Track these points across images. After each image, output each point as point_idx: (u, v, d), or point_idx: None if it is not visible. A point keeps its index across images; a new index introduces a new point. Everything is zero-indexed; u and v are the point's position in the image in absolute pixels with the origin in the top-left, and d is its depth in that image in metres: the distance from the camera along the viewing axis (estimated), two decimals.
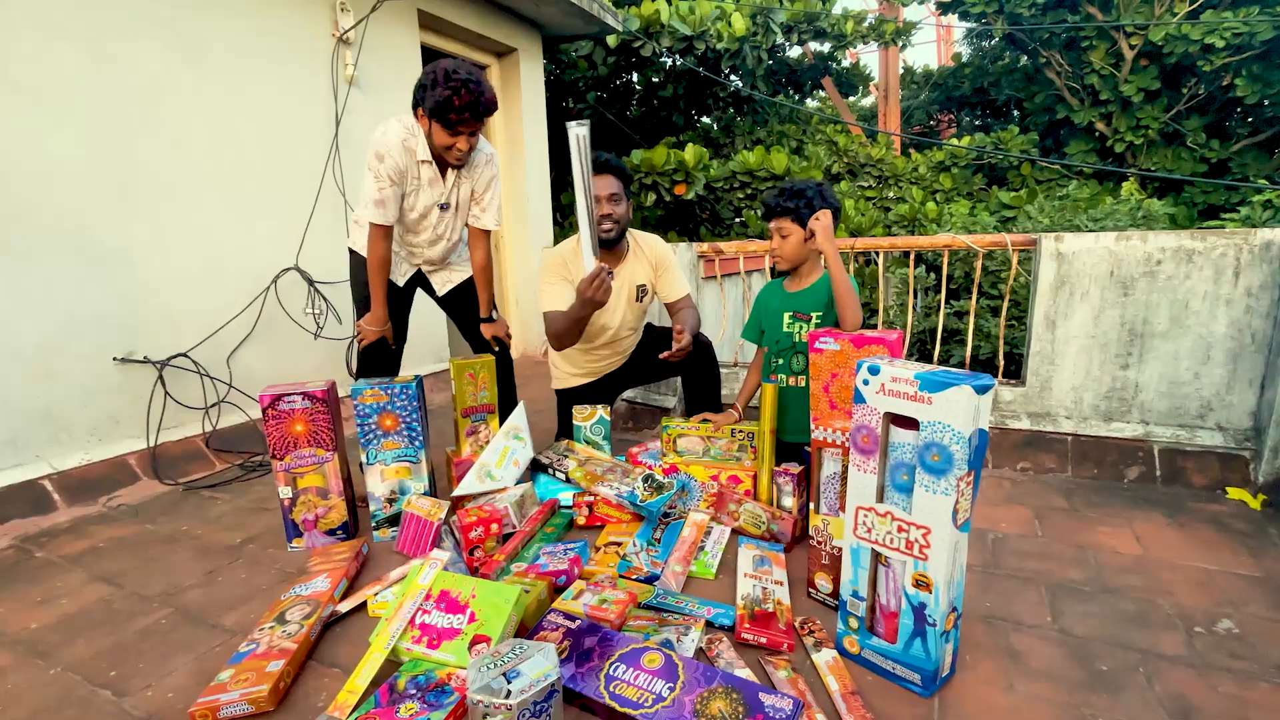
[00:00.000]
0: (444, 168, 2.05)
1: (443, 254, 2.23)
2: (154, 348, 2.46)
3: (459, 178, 2.09)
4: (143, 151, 2.41)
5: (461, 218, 2.18)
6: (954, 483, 1.11)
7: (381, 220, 1.99)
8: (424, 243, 2.17)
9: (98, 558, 1.86)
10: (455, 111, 1.84)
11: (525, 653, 1.15)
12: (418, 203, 2.06)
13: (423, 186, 2.04)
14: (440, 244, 2.19)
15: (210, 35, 2.60)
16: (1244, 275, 2.04)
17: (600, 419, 2.22)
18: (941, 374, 1.12)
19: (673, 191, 4.98)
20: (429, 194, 2.05)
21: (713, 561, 1.69)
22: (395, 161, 1.94)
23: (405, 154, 1.96)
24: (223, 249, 2.68)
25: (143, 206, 2.42)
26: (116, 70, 2.32)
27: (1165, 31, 7.34)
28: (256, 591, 1.65)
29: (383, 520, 1.89)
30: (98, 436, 2.32)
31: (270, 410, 1.76)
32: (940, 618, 1.17)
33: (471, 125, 1.89)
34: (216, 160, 2.64)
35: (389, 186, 1.95)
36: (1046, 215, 5.30)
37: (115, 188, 2.34)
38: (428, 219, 2.11)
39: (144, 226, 2.42)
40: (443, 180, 2.06)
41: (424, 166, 2.01)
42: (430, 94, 1.84)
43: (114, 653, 1.41)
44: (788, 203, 1.85)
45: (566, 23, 4.55)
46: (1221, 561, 1.66)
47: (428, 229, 2.14)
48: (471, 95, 1.83)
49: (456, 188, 2.10)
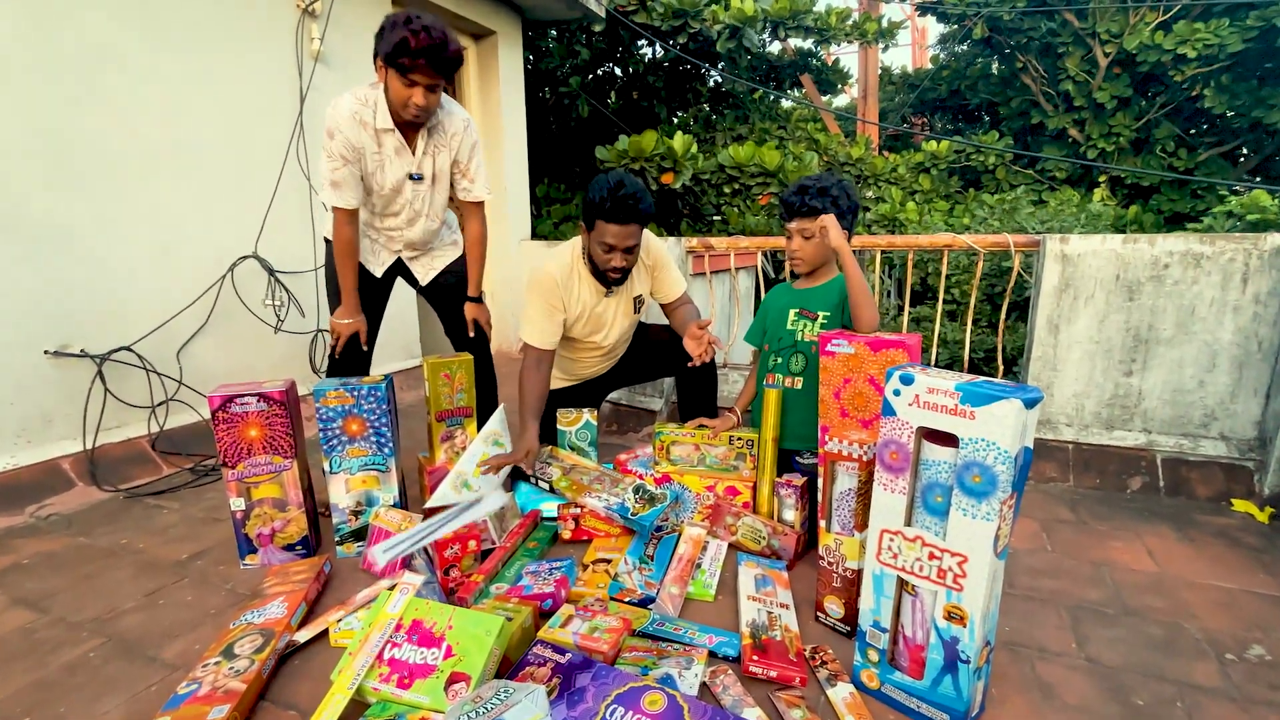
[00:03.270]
0: (410, 136, 1.86)
1: (424, 235, 2.03)
2: (94, 339, 2.23)
3: (430, 146, 1.90)
4: (86, 123, 2.17)
5: (441, 192, 1.99)
6: (997, 506, 0.99)
7: (340, 203, 1.81)
8: (402, 223, 1.98)
9: (22, 576, 1.65)
10: (410, 55, 1.66)
11: (512, 698, 1.01)
12: (386, 179, 1.87)
13: (388, 159, 1.85)
14: (420, 223, 1.99)
15: (163, 1, 2.37)
16: (1252, 281, 1.99)
17: (586, 423, 2.08)
18: (985, 385, 1.00)
19: (660, 180, 4.83)
20: (397, 166, 1.87)
21: (711, 581, 1.56)
22: (346, 137, 1.77)
23: (358, 127, 1.78)
24: (174, 233, 2.45)
25: (85, 183, 2.18)
26: (57, 32, 2.09)
27: (1139, 40, 7.44)
28: (204, 616, 1.47)
29: (347, 535, 1.72)
30: (26, 437, 2.09)
31: (221, 413, 1.57)
32: (974, 653, 1.06)
33: (429, 75, 1.72)
34: (168, 136, 2.41)
35: (342, 166, 1.78)
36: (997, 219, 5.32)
37: (53, 161, 2.10)
38: (401, 195, 1.92)
39: (85, 205, 2.19)
40: (410, 149, 1.87)
41: (386, 136, 1.82)
42: (387, 37, 1.68)
43: (32, 692, 1.23)
44: (813, 202, 1.69)
45: (548, 6, 4.37)
46: (1240, 580, 1.59)
47: (403, 207, 1.94)
48: (430, 40, 1.66)
49: (429, 157, 1.91)
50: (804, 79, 9.74)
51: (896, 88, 12.08)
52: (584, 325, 2.03)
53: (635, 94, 7.62)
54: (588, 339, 2.06)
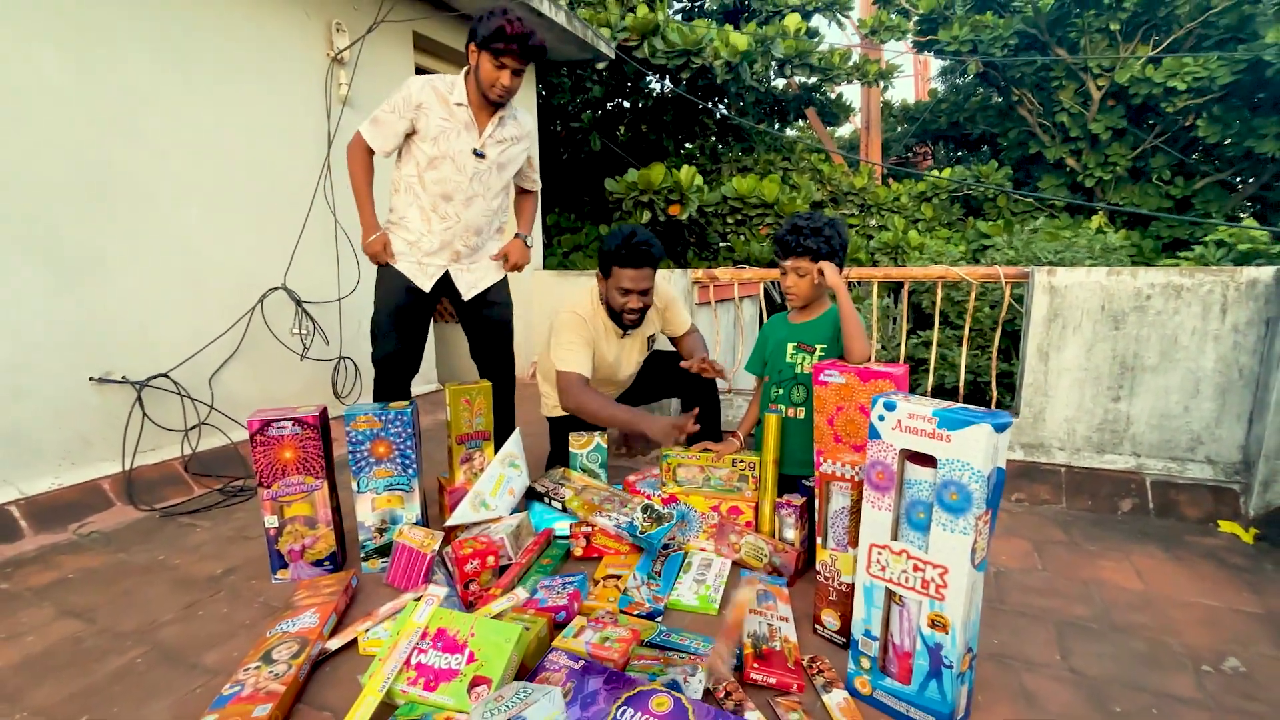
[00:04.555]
0: (481, 118, 2.07)
1: (479, 220, 2.15)
2: (132, 367, 2.37)
3: (498, 132, 2.10)
4: (123, 159, 2.33)
5: (500, 178, 2.16)
6: (972, 521, 1.09)
7: (369, 136, 2.05)
8: (459, 206, 2.10)
9: (67, 590, 1.75)
10: (505, 40, 1.91)
11: (531, 697, 1.11)
12: (451, 145, 2.04)
13: (456, 130, 2.04)
14: (477, 204, 2.12)
15: (200, 46, 2.55)
16: (1231, 312, 2.09)
17: (597, 446, 2.18)
18: (960, 411, 1.11)
19: (667, 211, 5.00)
20: (465, 139, 2.06)
21: (715, 595, 1.65)
22: (411, 93, 2.01)
23: (430, 91, 2.01)
24: (207, 266, 2.60)
25: (124, 218, 2.34)
26: (98, 74, 2.25)
27: (1130, 73, 7.63)
28: (239, 627, 1.56)
29: (372, 551, 1.82)
30: (69, 459, 2.21)
31: (258, 436, 1.69)
32: (956, 659, 1.14)
33: (517, 60, 1.96)
34: (202, 173, 2.58)
35: (391, 113, 2.02)
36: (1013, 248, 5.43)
37: (93, 196, 2.25)
38: (463, 171, 2.07)
39: (126, 240, 2.34)
40: (479, 129, 2.07)
41: (459, 110, 2.04)
42: (485, 24, 1.94)
43: (85, 696, 1.32)
44: (807, 242, 1.82)
45: (560, 48, 4.59)
46: (1223, 598, 1.67)
47: (461, 184, 2.08)
48: (523, 29, 1.93)
49: (495, 141, 2.11)
50: (809, 112, 10.01)
51: (898, 119, 12.35)
52: (603, 365, 2.20)
53: (644, 127, 7.87)
54: (608, 373, 2.20)
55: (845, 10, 8.18)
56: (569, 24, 4.24)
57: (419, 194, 2.08)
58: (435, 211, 2.10)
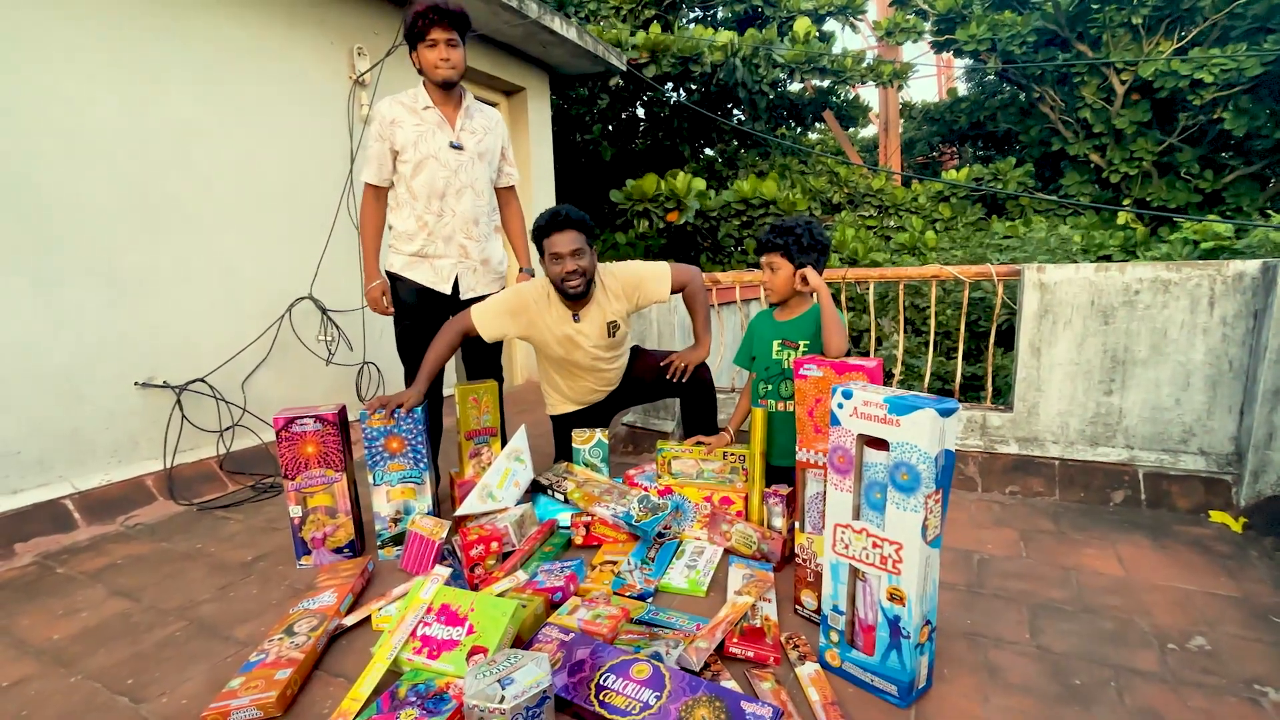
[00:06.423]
0: (449, 114, 2.21)
1: (475, 212, 2.27)
2: (173, 372, 2.57)
3: (468, 125, 2.25)
4: (172, 186, 2.56)
5: (484, 168, 2.30)
6: (922, 500, 1.18)
7: (371, 176, 2.21)
8: (452, 199, 2.22)
9: (116, 573, 1.94)
10: (422, 18, 2.06)
11: (520, 661, 1.22)
12: (430, 145, 2.18)
13: (430, 130, 2.18)
14: (467, 196, 2.25)
15: (240, 78, 2.77)
16: (1219, 305, 2.12)
17: (599, 442, 2.30)
18: (909, 398, 1.20)
19: (665, 219, 5.13)
20: (440, 136, 2.19)
21: (704, 579, 1.75)
22: (382, 114, 2.16)
23: (396, 107, 2.17)
24: (242, 279, 2.80)
25: (169, 238, 2.55)
26: (148, 112, 2.48)
27: (1155, 67, 7.51)
28: (267, 606, 1.72)
29: (388, 539, 1.96)
30: (118, 458, 2.42)
31: (284, 432, 1.85)
32: (914, 630, 1.23)
33: (444, 29, 2.09)
34: (240, 196, 2.79)
35: (376, 141, 2.18)
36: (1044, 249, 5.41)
37: (144, 220, 2.48)
38: (445, 166, 2.20)
39: (167, 256, 2.55)
40: (450, 124, 2.22)
41: (428, 113, 2.19)
42: (404, 27, 2.11)
43: (132, 662, 1.49)
44: (777, 239, 1.95)
45: (574, 63, 4.75)
46: (1200, 582, 1.71)
47: (451, 180, 2.21)
48: (432, 2, 2.06)
49: (468, 133, 2.25)
50: (826, 114, 10.04)
51: (919, 119, 12.26)
52: (558, 346, 2.23)
53: (661, 134, 8.01)
54: (569, 357, 2.25)
55: (858, 14, 8.21)
56: (580, 39, 4.40)
57: (413, 201, 2.21)
58: (430, 210, 2.23)
